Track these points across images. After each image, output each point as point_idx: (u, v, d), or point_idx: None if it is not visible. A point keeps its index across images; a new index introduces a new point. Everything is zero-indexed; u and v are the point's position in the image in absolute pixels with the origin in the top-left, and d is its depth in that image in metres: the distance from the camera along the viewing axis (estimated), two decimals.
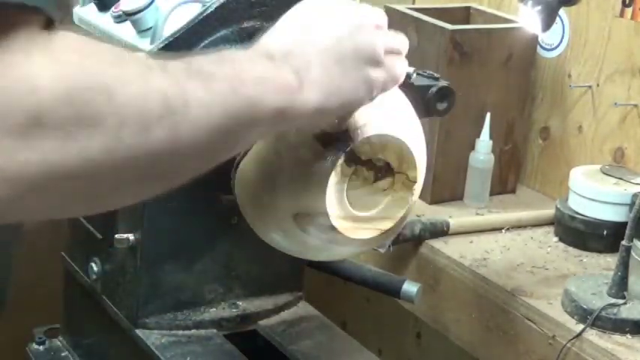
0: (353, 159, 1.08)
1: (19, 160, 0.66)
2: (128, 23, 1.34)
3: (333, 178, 1.07)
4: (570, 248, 1.66)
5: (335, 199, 1.08)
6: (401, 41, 1.05)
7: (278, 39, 0.95)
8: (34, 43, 0.68)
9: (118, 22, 1.38)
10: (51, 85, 0.67)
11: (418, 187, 1.17)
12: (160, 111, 0.75)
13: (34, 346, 1.62)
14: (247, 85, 0.85)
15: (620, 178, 1.65)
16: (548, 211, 1.75)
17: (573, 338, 1.37)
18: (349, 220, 1.11)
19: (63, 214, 0.82)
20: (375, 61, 0.98)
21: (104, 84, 0.71)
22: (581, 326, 1.38)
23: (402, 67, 1.04)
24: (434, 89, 1.28)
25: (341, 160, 1.07)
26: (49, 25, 0.70)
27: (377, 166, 1.11)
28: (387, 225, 1.14)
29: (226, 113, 0.82)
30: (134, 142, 0.73)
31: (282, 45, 0.93)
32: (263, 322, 1.43)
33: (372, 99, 1.01)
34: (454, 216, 1.72)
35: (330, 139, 1.07)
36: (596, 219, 1.63)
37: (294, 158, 1.08)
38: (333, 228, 1.09)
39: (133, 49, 1.29)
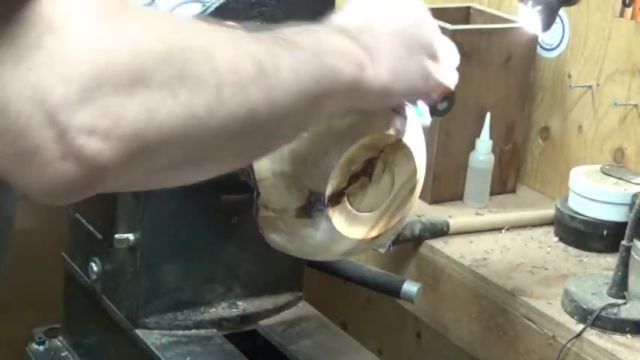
0: (353, 160, 1.08)
1: (126, 119, 0.67)
2: None
3: (334, 179, 1.07)
4: (570, 248, 1.66)
5: (335, 199, 1.08)
6: (454, 51, 1.07)
7: (350, 18, 0.97)
8: (127, 12, 0.70)
9: None
10: (152, 45, 0.69)
11: (418, 187, 1.17)
12: (255, 73, 0.77)
13: (34, 346, 1.62)
14: (327, 53, 0.87)
15: (620, 178, 1.65)
16: (548, 211, 1.75)
17: (573, 338, 1.37)
18: (349, 220, 1.11)
19: (171, 181, 0.84)
20: (433, 55, 1.01)
21: (200, 45, 0.73)
22: (581, 326, 1.38)
23: (452, 74, 1.06)
24: None
25: (341, 160, 1.07)
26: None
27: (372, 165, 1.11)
28: (387, 225, 1.14)
29: (313, 79, 0.84)
30: (234, 101, 0.75)
31: (354, 23, 0.95)
32: (263, 322, 1.44)
33: (427, 93, 1.03)
34: (454, 216, 1.72)
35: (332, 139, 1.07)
36: (596, 219, 1.63)
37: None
38: (333, 228, 1.09)
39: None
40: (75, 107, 0.66)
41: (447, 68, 1.04)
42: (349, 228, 1.12)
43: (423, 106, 1.11)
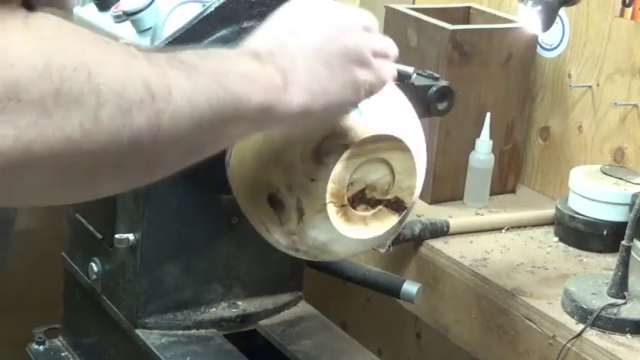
0: (353, 160, 1.08)
1: None
2: (128, 23, 1.34)
3: (333, 179, 1.07)
4: (570, 248, 1.66)
5: (335, 199, 1.08)
6: (389, 44, 1.03)
7: (264, 39, 0.94)
8: (12, 18, 0.67)
9: (118, 22, 1.38)
10: (29, 59, 0.66)
11: (418, 188, 1.17)
12: (141, 96, 0.74)
13: (34, 346, 1.62)
14: (232, 80, 0.84)
15: (620, 178, 1.65)
16: (548, 211, 1.75)
17: (573, 338, 1.37)
18: (349, 220, 1.11)
19: (40, 200, 0.80)
20: (363, 63, 0.98)
21: (84, 62, 0.70)
22: (581, 326, 1.38)
23: (389, 70, 1.02)
24: (434, 89, 1.28)
25: (342, 160, 1.07)
26: (28, 5, 0.69)
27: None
28: (386, 225, 1.14)
29: (210, 105, 0.81)
30: (114, 124, 0.71)
31: (269, 45, 0.93)
32: (263, 322, 1.43)
33: (359, 101, 1.00)
34: (454, 216, 1.72)
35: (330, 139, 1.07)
36: (596, 219, 1.63)
37: (294, 158, 1.08)
38: (333, 228, 1.09)
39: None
40: None
41: (380, 68, 1.00)
42: (349, 228, 1.12)
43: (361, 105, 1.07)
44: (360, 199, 1.11)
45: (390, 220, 1.14)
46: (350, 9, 1.03)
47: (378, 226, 1.13)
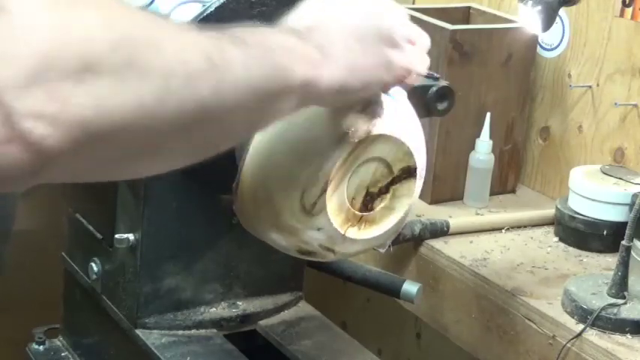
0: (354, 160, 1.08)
1: (74, 105, 0.66)
2: None
3: (334, 179, 1.07)
4: (570, 248, 1.66)
5: (335, 199, 1.08)
6: (422, 35, 1.07)
7: (301, 17, 0.97)
8: None
9: None
10: (103, 33, 0.68)
11: (418, 188, 1.17)
12: (204, 65, 0.76)
13: (34, 346, 1.62)
14: (278, 53, 0.86)
15: (620, 178, 1.65)
16: (548, 211, 1.75)
17: (573, 338, 1.37)
18: (349, 220, 1.11)
19: (119, 173, 0.83)
20: (395, 44, 1.00)
21: (152, 36, 0.73)
22: (581, 326, 1.38)
23: (421, 57, 1.05)
24: (434, 89, 1.28)
25: (342, 160, 1.07)
26: None
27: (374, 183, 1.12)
28: (387, 225, 1.14)
29: (263, 75, 0.83)
30: (182, 93, 0.74)
31: (307, 24, 0.95)
32: (263, 322, 1.43)
33: (392, 82, 1.02)
34: (454, 216, 1.72)
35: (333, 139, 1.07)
36: (596, 219, 1.63)
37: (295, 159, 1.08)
38: (333, 228, 1.09)
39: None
40: (21, 90, 0.64)
41: (413, 53, 1.03)
42: (349, 228, 1.12)
43: (396, 91, 1.09)
44: (370, 199, 1.11)
45: (390, 220, 1.14)
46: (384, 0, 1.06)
47: (378, 226, 1.13)
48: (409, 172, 1.13)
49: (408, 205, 1.15)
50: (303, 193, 1.08)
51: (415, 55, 1.04)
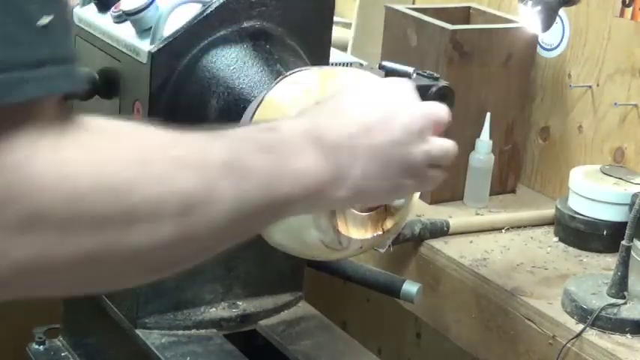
0: None
1: (14, 255, 0.66)
2: (128, 23, 1.34)
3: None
4: (570, 248, 1.66)
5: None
6: (447, 151, 1.04)
7: (338, 125, 0.93)
8: (40, 139, 0.66)
9: (118, 22, 1.38)
10: (55, 184, 0.66)
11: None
12: (176, 210, 0.73)
13: (34, 346, 1.62)
14: (285, 181, 0.84)
15: (620, 178, 1.65)
16: (548, 211, 1.75)
17: (573, 338, 1.37)
18: (349, 220, 1.11)
19: (61, 293, 0.81)
20: (417, 175, 0.99)
21: (116, 186, 0.69)
22: (581, 326, 1.38)
23: (438, 180, 1.04)
24: (434, 89, 1.27)
25: None
26: (65, 106, 0.68)
27: None
28: (387, 225, 1.14)
29: (254, 209, 0.81)
30: (141, 239, 0.71)
31: (337, 136, 0.91)
32: (263, 322, 1.43)
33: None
34: (454, 216, 1.72)
35: None
36: (596, 219, 1.63)
37: None
38: (333, 228, 1.09)
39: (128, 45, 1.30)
40: None
41: (431, 178, 1.02)
42: (349, 228, 1.12)
43: None
44: None
45: (372, 231, 1.14)
46: (428, 106, 1.02)
47: (362, 231, 1.14)
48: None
49: (407, 207, 1.15)
50: None
51: (430, 178, 1.02)
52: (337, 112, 0.95)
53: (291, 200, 0.86)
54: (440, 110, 1.03)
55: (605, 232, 1.62)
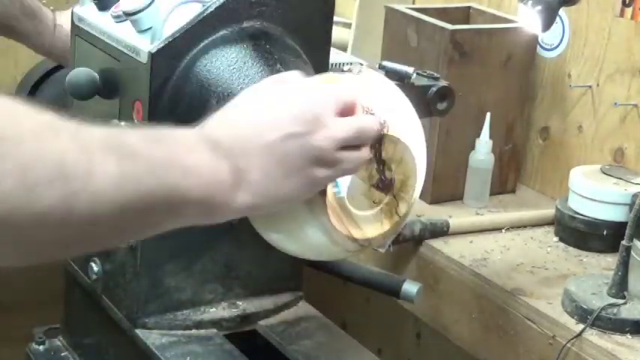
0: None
1: None
2: (128, 23, 1.34)
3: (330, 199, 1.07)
4: (570, 248, 1.66)
5: (340, 213, 1.08)
6: (361, 128, 1.00)
7: (228, 127, 0.93)
8: None
9: (117, 22, 1.38)
10: None
11: (418, 188, 1.17)
12: (50, 175, 0.73)
13: (34, 346, 1.62)
14: (173, 172, 0.83)
15: (620, 178, 1.65)
16: (548, 211, 1.75)
17: (573, 338, 1.37)
18: (349, 220, 1.11)
19: None
20: (324, 162, 0.96)
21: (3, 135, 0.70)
22: (581, 326, 1.38)
23: (358, 162, 1.01)
24: (434, 89, 1.28)
25: None
26: None
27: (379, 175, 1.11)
28: (401, 210, 1.14)
29: (137, 194, 0.80)
30: (16, 197, 0.71)
31: (231, 138, 0.91)
32: (263, 322, 1.43)
33: (315, 193, 1.00)
34: (454, 216, 1.72)
35: None
36: (596, 219, 1.63)
37: None
38: (333, 228, 1.09)
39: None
40: None
41: (346, 162, 0.98)
42: (365, 230, 1.12)
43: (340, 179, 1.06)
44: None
45: (389, 221, 1.14)
46: (329, 90, 1.00)
47: (378, 226, 1.13)
48: (409, 170, 1.13)
49: (407, 206, 1.15)
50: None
51: (347, 161, 0.99)
52: (227, 118, 0.95)
53: (187, 198, 0.84)
54: (342, 92, 1.00)
55: (605, 232, 1.62)
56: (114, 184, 0.78)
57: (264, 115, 0.95)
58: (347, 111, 1.00)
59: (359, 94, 1.03)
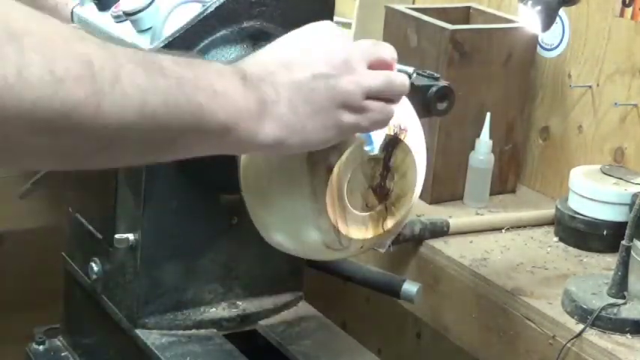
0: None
1: None
2: (128, 23, 1.34)
3: (334, 180, 1.07)
4: (570, 248, 1.66)
5: (336, 199, 1.08)
6: (390, 81, 1.00)
7: (259, 63, 0.94)
8: None
9: (117, 22, 1.38)
10: None
11: (418, 188, 1.17)
12: (78, 72, 0.74)
13: (34, 346, 1.62)
14: (202, 92, 0.84)
15: (620, 178, 1.65)
16: (548, 211, 1.75)
17: (573, 338, 1.37)
18: (340, 211, 1.11)
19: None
20: (351, 107, 0.96)
21: (22, 27, 0.71)
22: (581, 326, 1.38)
23: (385, 113, 1.00)
24: (434, 89, 1.28)
25: (344, 157, 1.07)
26: None
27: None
28: (387, 224, 1.14)
29: (166, 106, 0.81)
30: (43, 86, 0.72)
31: (260, 70, 0.92)
32: (263, 322, 1.43)
33: (343, 139, 1.00)
34: (454, 216, 1.72)
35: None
36: (596, 219, 1.63)
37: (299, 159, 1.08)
38: (333, 228, 1.09)
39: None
40: None
41: (374, 112, 0.98)
42: (350, 228, 1.12)
43: (374, 135, 1.06)
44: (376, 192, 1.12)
45: (373, 231, 1.14)
46: (358, 43, 1.00)
47: (362, 230, 1.13)
48: (407, 188, 1.13)
49: (407, 207, 1.15)
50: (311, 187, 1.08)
51: (378, 111, 0.98)
52: (260, 57, 0.97)
53: (212, 119, 0.84)
54: (379, 47, 1.00)
55: (605, 232, 1.62)
56: (141, 92, 0.79)
57: (296, 55, 0.97)
58: (380, 65, 1.00)
59: (395, 59, 1.03)
